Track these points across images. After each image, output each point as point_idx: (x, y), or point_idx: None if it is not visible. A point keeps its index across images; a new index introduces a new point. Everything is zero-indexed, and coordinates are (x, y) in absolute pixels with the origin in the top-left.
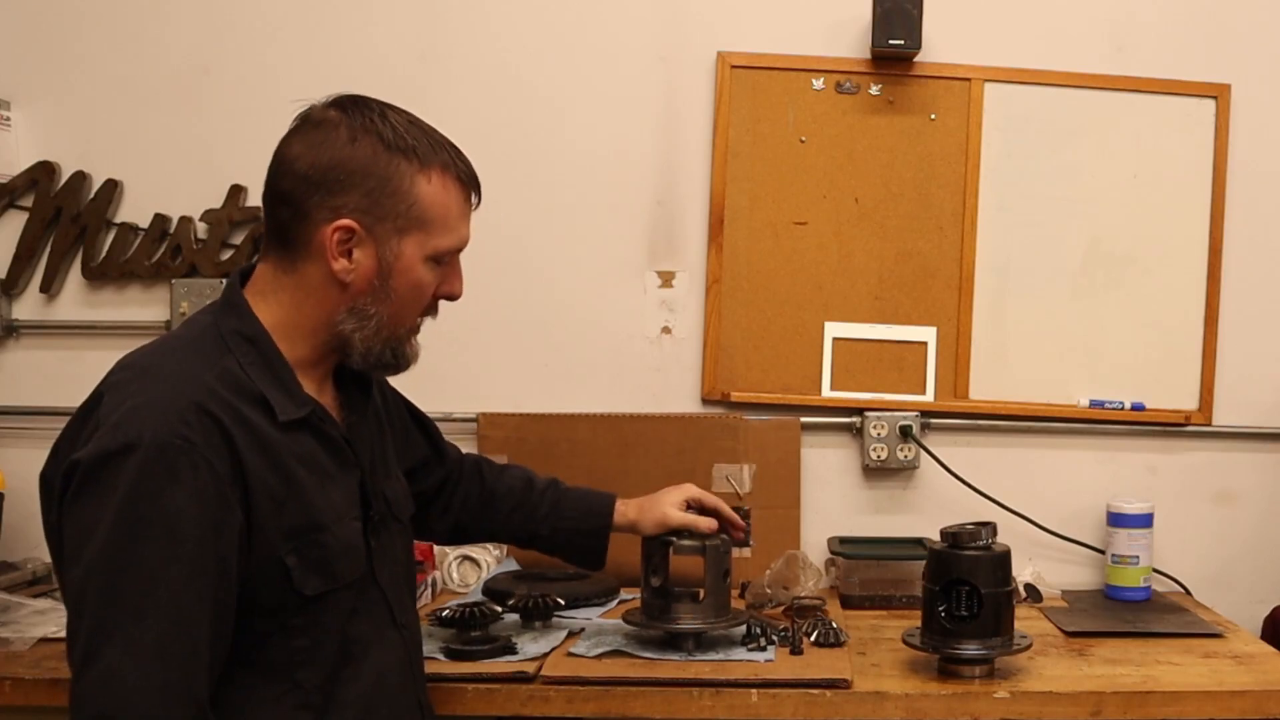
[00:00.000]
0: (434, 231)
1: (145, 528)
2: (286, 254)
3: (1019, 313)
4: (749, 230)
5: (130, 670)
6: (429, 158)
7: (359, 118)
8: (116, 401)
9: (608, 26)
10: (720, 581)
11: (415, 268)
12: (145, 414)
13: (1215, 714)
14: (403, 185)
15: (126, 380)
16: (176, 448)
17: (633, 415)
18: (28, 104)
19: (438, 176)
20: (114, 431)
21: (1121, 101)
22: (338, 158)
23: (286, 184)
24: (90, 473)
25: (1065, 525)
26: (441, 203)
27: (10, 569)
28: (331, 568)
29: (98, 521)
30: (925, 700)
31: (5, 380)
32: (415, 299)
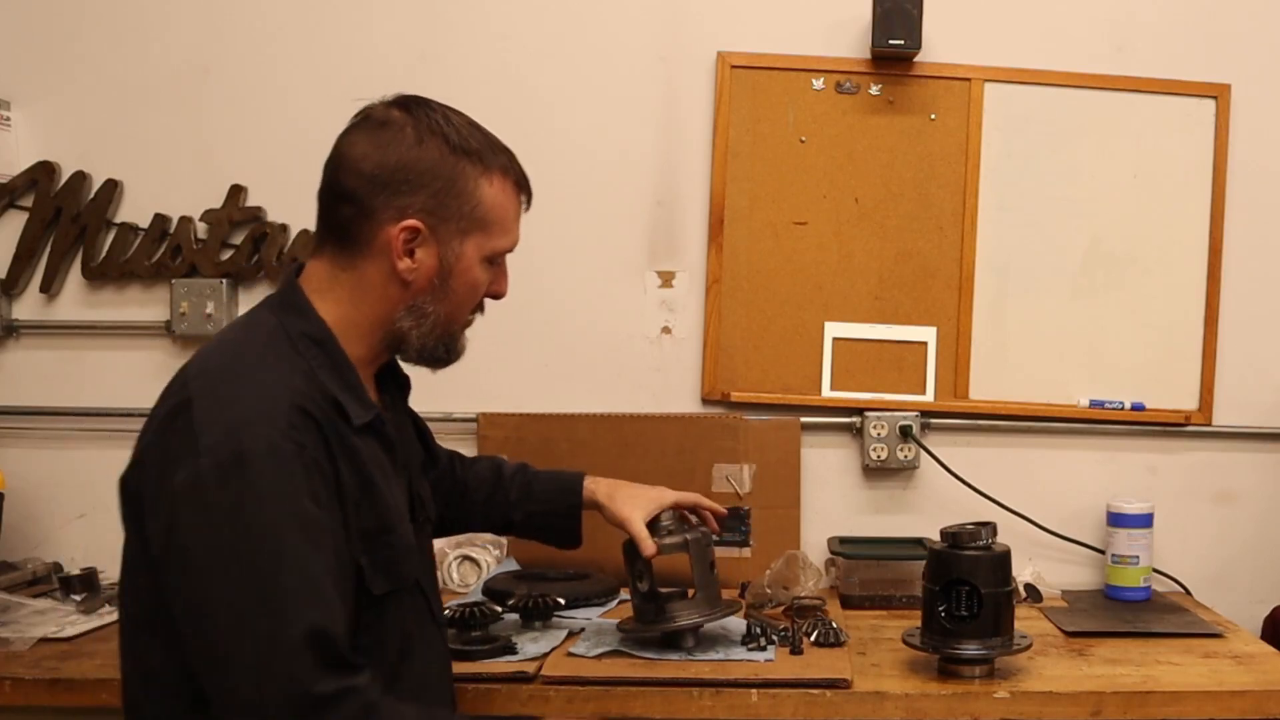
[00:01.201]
0: (493, 233)
1: (278, 529)
2: (345, 251)
3: (1019, 313)
4: (749, 230)
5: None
6: (490, 160)
7: (424, 119)
8: (213, 408)
9: (608, 27)
10: (708, 574)
11: (473, 268)
12: (253, 420)
13: (1215, 714)
14: (467, 187)
15: (213, 385)
16: (291, 452)
17: (633, 415)
18: (28, 104)
19: (498, 179)
20: (226, 440)
21: (1121, 101)
22: (405, 159)
23: (351, 182)
24: (211, 484)
25: (1065, 525)
26: (501, 205)
27: (10, 569)
28: (398, 568)
29: (232, 531)
30: (925, 700)
31: (5, 380)
32: (470, 298)
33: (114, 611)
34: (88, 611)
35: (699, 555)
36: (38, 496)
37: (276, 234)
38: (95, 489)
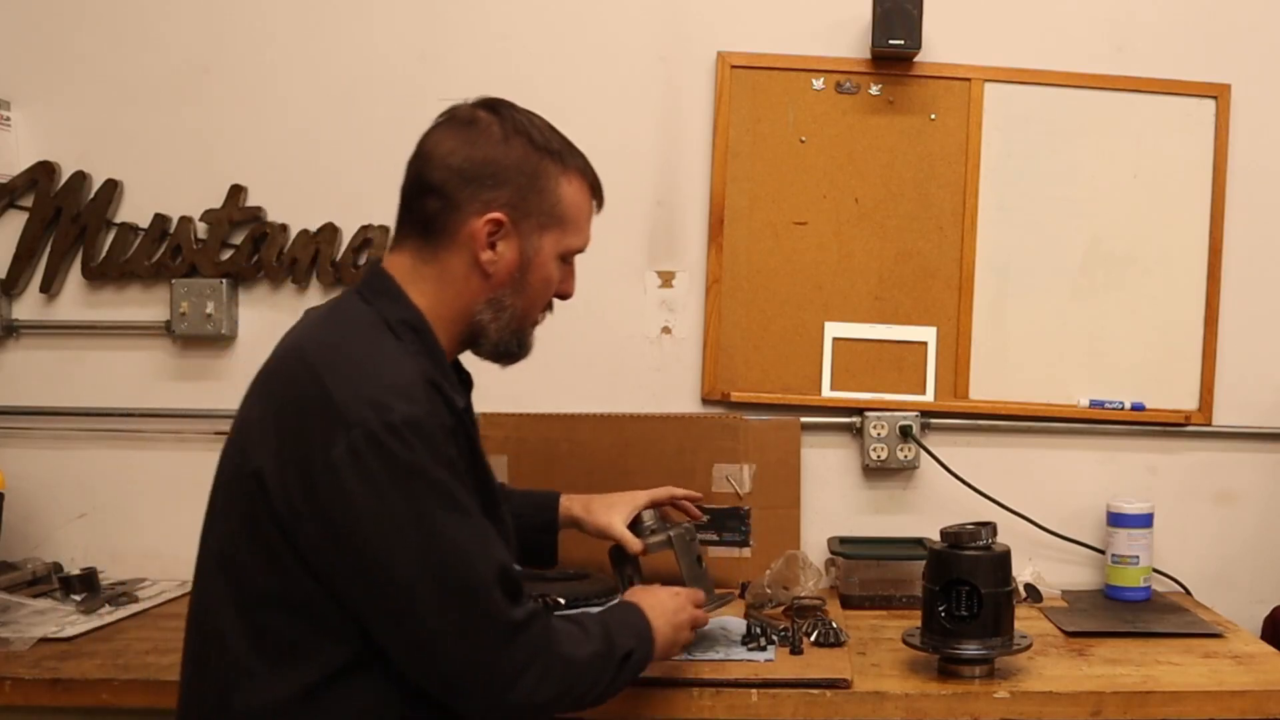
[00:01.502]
0: (569, 230)
1: (441, 487)
2: (429, 244)
3: (1019, 313)
4: (749, 230)
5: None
6: (569, 160)
7: (510, 119)
8: (349, 385)
9: (608, 26)
10: (696, 566)
11: (549, 263)
12: (394, 393)
13: (1215, 714)
14: (548, 184)
15: (342, 364)
16: (432, 423)
17: (633, 415)
18: (28, 104)
19: (576, 179)
20: (374, 412)
21: (1121, 101)
22: (492, 155)
23: (439, 176)
24: (369, 454)
25: (1065, 525)
26: (578, 204)
27: (10, 569)
28: (506, 541)
29: (397, 493)
30: (925, 700)
31: (5, 380)
32: (544, 293)
33: (114, 611)
34: (88, 611)
35: (684, 549)
36: (38, 496)
37: (276, 234)
38: (95, 489)
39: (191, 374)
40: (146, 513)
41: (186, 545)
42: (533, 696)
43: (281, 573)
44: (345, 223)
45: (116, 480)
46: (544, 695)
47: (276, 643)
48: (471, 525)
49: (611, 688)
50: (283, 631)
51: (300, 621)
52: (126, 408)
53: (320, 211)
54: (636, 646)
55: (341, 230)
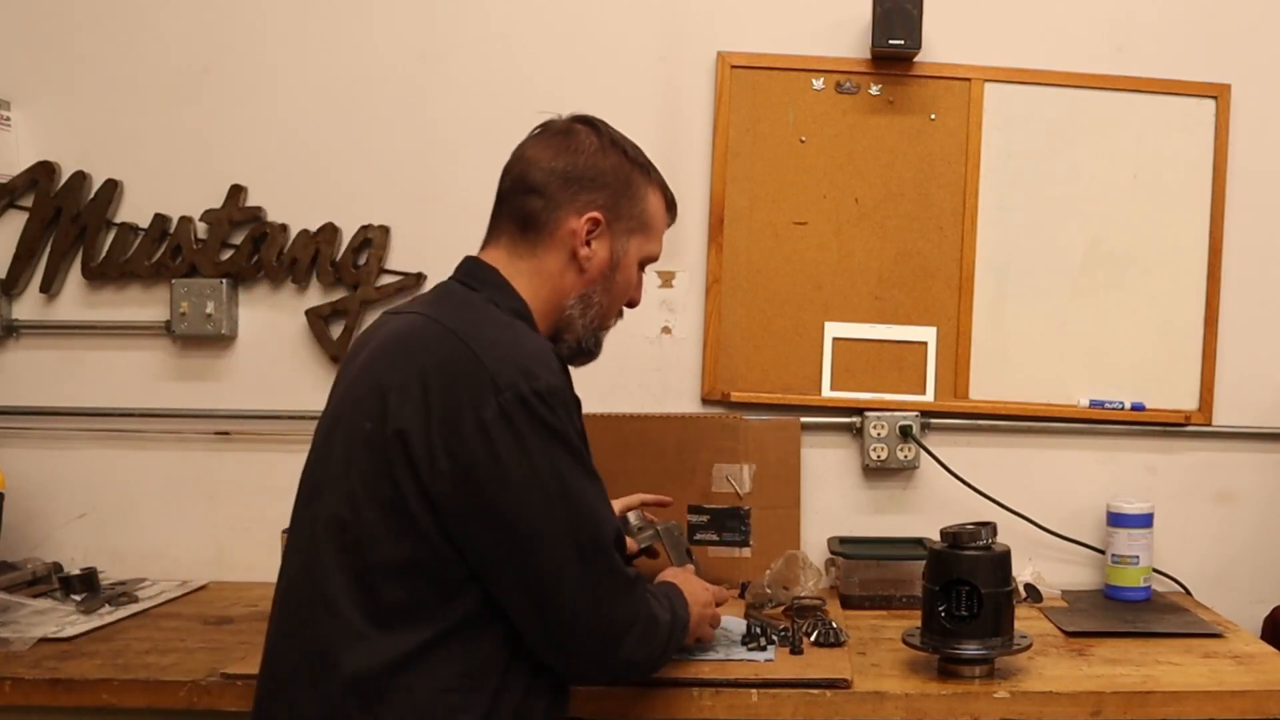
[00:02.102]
0: (651, 238)
1: (578, 450)
2: (526, 240)
3: (1019, 313)
4: (749, 230)
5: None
6: (652, 174)
7: (604, 132)
8: (498, 354)
9: (608, 26)
10: (686, 559)
11: (632, 266)
12: (539, 362)
13: (1215, 714)
14: (639, 192)
15: (487, 336)
16: (570, 394)
17: (633, 415)
18: (28, 104)
19: (657, 192)
20: (522, 378)
21: (1121, 101)
22: (592, 162)
23: (541, 178)
24: (520, 414)
25: (1065, 525)
26: (659, 214)
27: (10, 569)
28: None
29: (545, 449)
30: (925, 700)
31: (5, 380)
32: (625, 294)
33: (114, 611)
34: (88, 611)
35: (672, 543)
36: (38, 496)
37: (276, 234)
38: (95, 489)
39: (191, 374)
40: (146, 513)
41: (187, 545)
42: (633, 654)
43: (408, 533)
44: (345, 223)
45: (116, 480)
46: (641, 654)
47: (389, 605)
48: (599, 490)
49: (665, 657)
50: (397, 594)
51: (417, 583)
52: (126, 408)
53: (320, 211)
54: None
55: (341, 230)
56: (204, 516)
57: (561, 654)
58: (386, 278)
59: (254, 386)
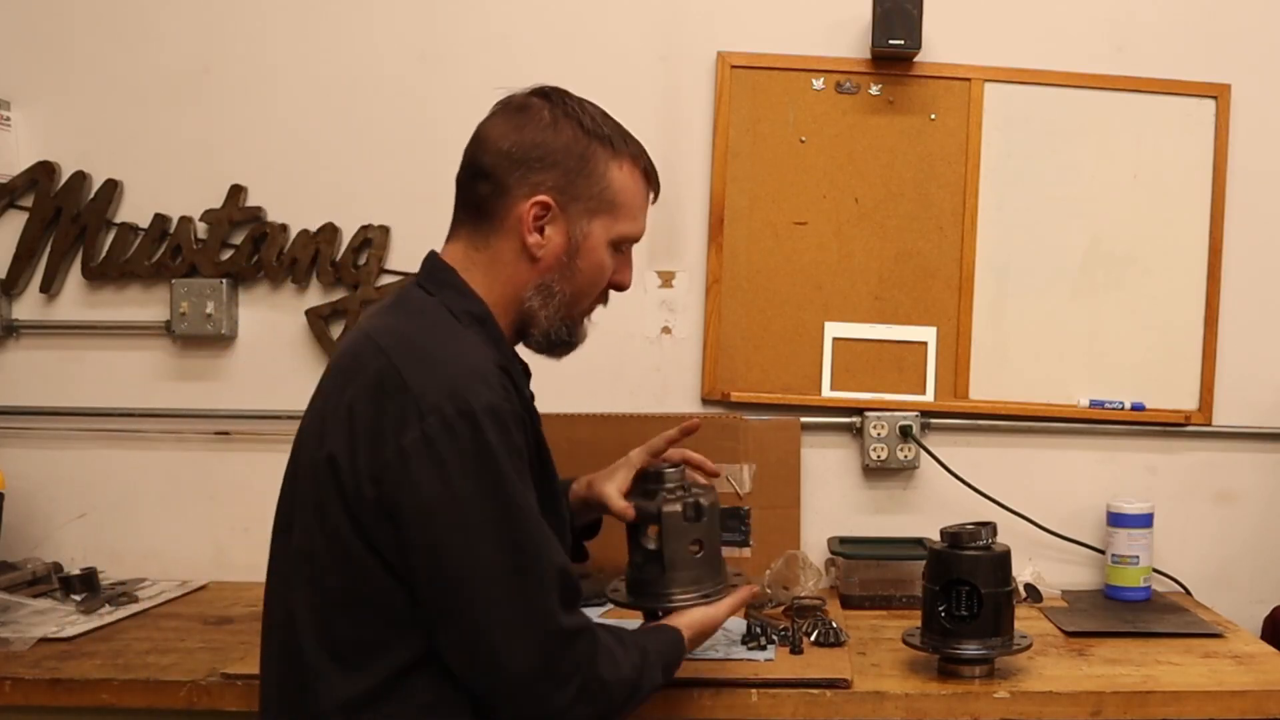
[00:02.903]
0: (620, 216)
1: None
2: (480, 229)
3: (1019, 313)
4: (749, 230)
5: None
6: (621, 146)
7: (561, 104)
8: (425, 372)
9: (608, 26)
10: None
11: (599, 249)
12: (470, 380)
13: (1215, 714)
14: (598, 168)
15: (416, 352)
16: (506, 411)
17: (633, 415)
18: (28, 104)
19: (628, 165)
20: (449, 399)
21: (1121, 101)
22: (540, 138)
23: (488, 160)
24: (442, 440)
25: (1065, 525)
26: (629, 189)
27: (10, 569)
28: (562, 539)
29: (467, 481)
30: (925, 700)
31: (5, 380)
32: (595, 281)
33: (114, 611)
34: (88, 611)
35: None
36: (38, 496)
37: (276, 234)
38: (95, 489)
39: (191, 374)
40: (146, 513)
41: (186, 545)
42: (570, 713)
43: (351, 563)
44: (345, 223)
45: (116, 480)
46: (580, 714)
47: (344, 642)
48: (537, 519)
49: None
50: (349, 630)
51: (366, 617)
52: (126, 408)
53: (320, 211)
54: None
55: (341, 230)
56: (204, 516)
57: (494, 701)
58: (386, 278)
59: (254, 386)
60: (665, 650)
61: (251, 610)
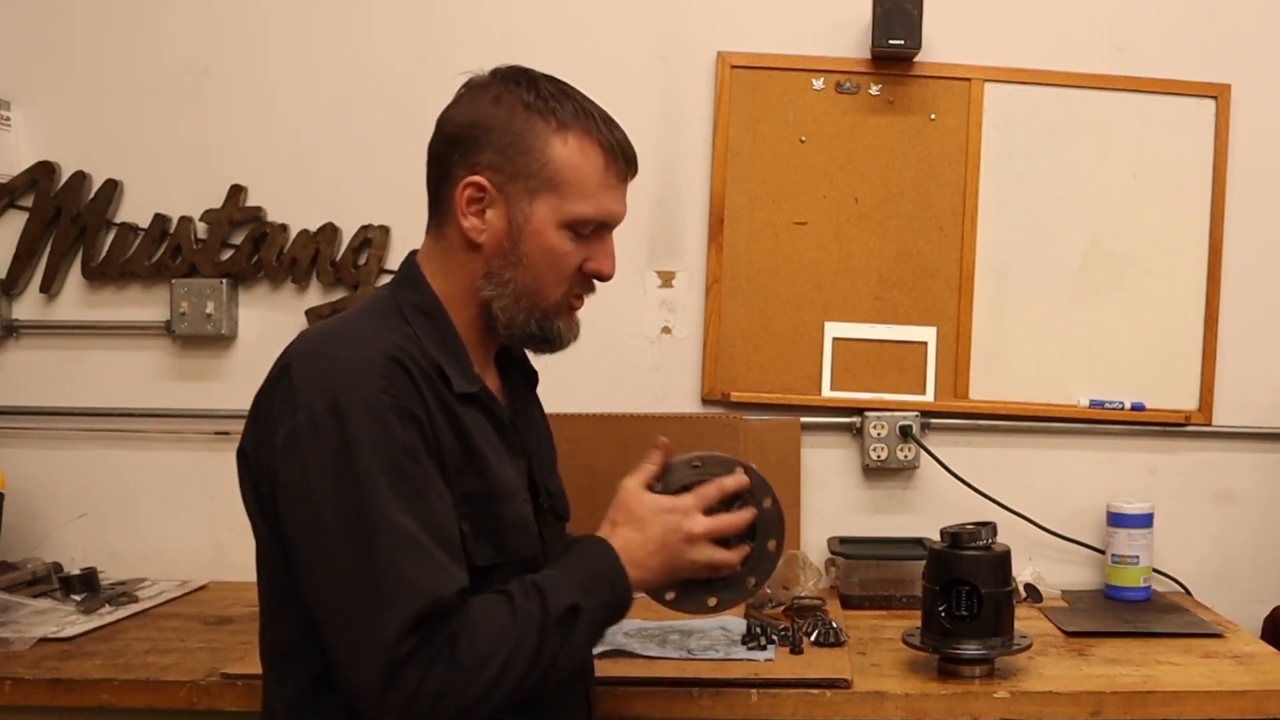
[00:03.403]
0: (568, 196)
1: (371, 481)
2: (436, 219)
3: (1019, 313)
4: (749, 230)
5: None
6: (570, 122)
7: (509, 82)
8: (310, 366)
9: (608, 26)
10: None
11: (546, 232)
12: (346, 373)
13: (1215, 714)
14: (535, 144)
15: (311, 347)
16: (385, 404)
17: (633, 415)
18: (28, 104)
19: (575, 139)
20: (320, 393)
21: (1121, 101)
22: (478, 116)
23: (436, 144)
24: (306, 437)
25: (1065, 525)
26: (576, 166)
27: (10, 569)
28: (505, 540)
29: (324, 483)
30: (925, 700)
31: (5, 380)
32: (551, 267)
33: (114, 611)
34: (88, 611)
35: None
36: (38, 496)
37: (276, 234)
38: (95, 489)
39: (191, 374)
40: (146, 513)
41: (186, 545)
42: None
43: (267, 563)
44: (345, 223)
45: (116, 480)
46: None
47: (272, 646)
48: (395, 527)
49: (563, 654)
50: (274, 634)
51: (286, 622)
52: (126, 408)
53: (320, 211)
54: (583, 600)
55: (341, 230)
56: (204, 516)
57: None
58: (386, 278)
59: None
60: (582, 567)
61: (251, 610)
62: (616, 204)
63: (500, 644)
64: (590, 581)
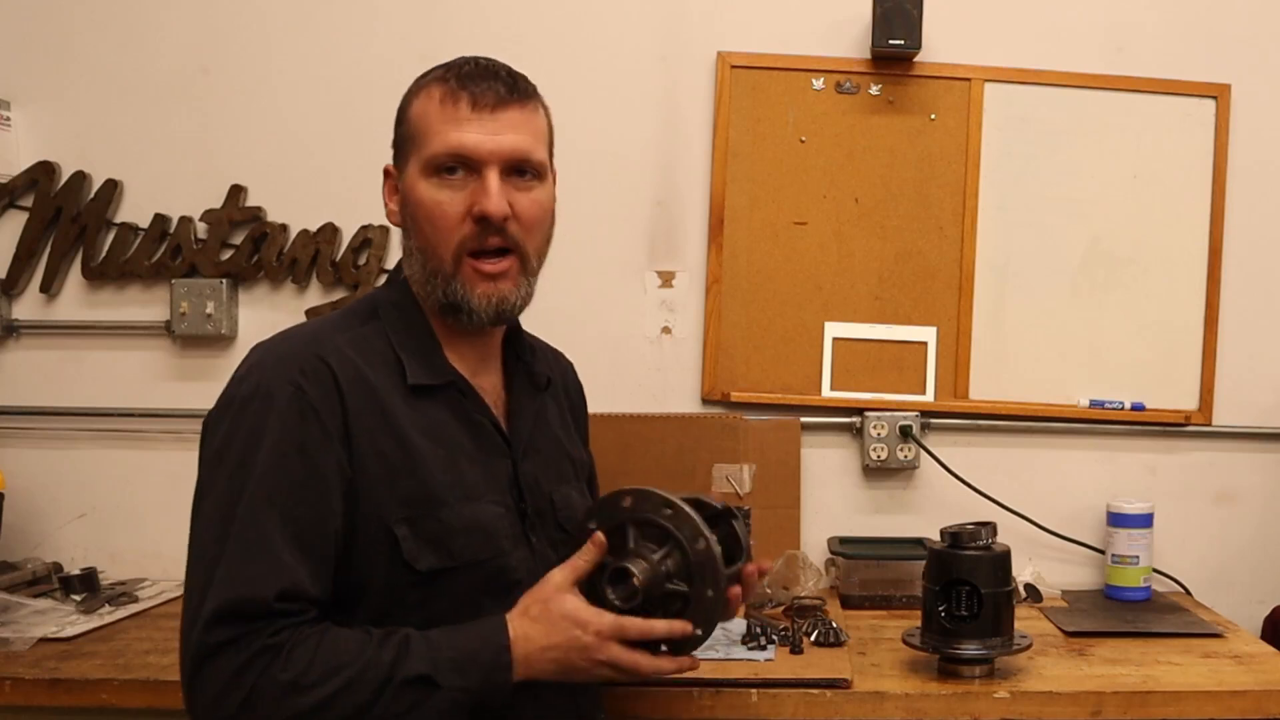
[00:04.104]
0: (419, 143)
1: (249, 472)
2: None
3: (1019, 313)
4: (749, 230)
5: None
6: (429, 79)
7: (433, 69)
8: (249, 357)
9: (608, 27)
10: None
11: (416, 187)
12: (268, 365)
13: (1215, 714)
14: (402, 116)
15: (264, 344)
16: (289, 394)
17: (633, 415)
18: (28, 104)
19: (425, 93)
20: (236, 383)
21: (1121, 101)
22: (400, 105)
23: None
24: (213, 420)
25: (1065, 525)
26: (423, 113)
27: (10, 569)
28: (447, 545)
29: (212, 464)
30: (925, 700)
31: (5, 380)
32: (430, 221)
33: (114, 611)
34: (88, 611)
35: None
36: (38, 496)
37: (276, 234)
38: (95, 489)
39: (191, 374)
40: (146, 513)
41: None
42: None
43: None
44: (345, 223)
45: (116, 480)
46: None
47: None
48: (256, 526)
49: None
50: None
51: None
52: (126, 408)
53: (320, 211)
54: (447, 678)
55: (341, 230)
56: None
57: None
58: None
59: None
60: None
61: None
62: (465, 133)
63: (329, 677)
64: (466, 660)
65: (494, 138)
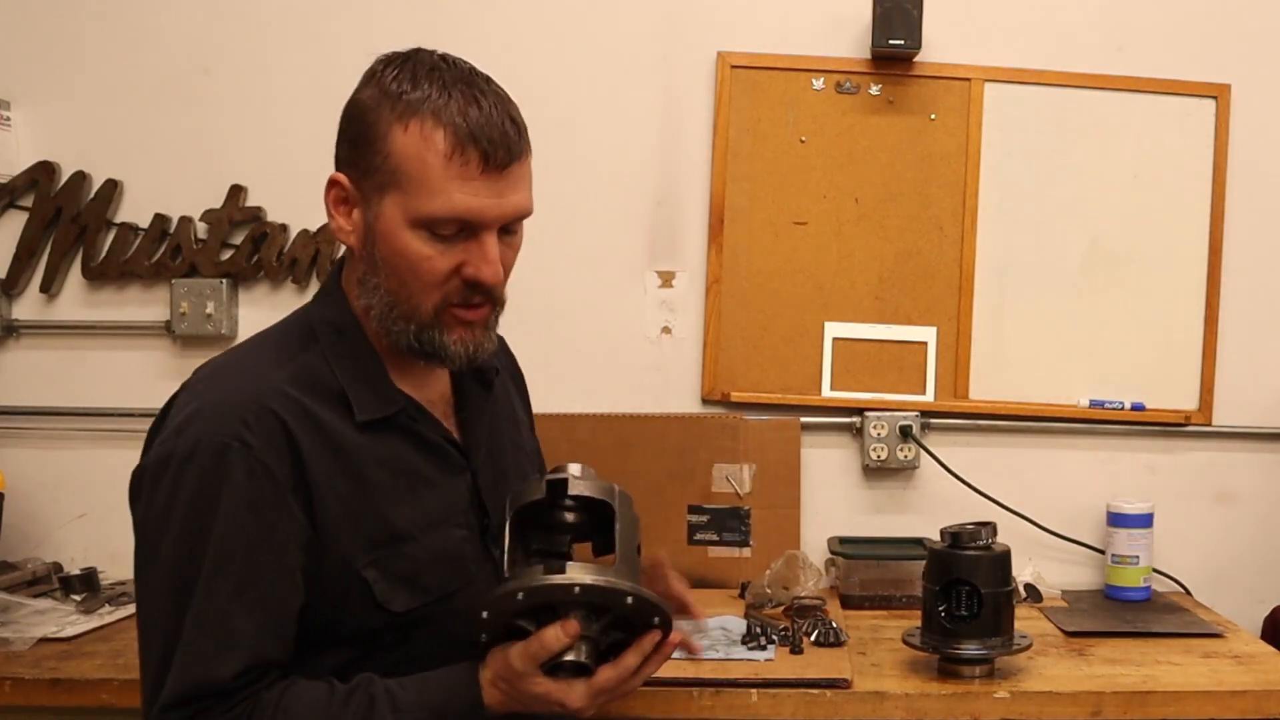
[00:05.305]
0: (411, 191)
1: (199, 537)
2: None
3: (1019, 313)
4: (749, 230)
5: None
6: (418, 105)
7: (389, 64)
8: (184, 402)
9: (608, 27)
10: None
11: (397, 234)
12: (207, 415)
13: (1215, 714)
14: (377, 134)
15: (198, 380)
16: (234, 450)
17: (633, 415)
18: (28, 104)
19: (419, 125)
20: (175, 436)
21: (1121, 101)
22: (348, 106)
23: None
24: (151, 478)
25: (1065, 525)
26: (417, 157)
27: (10, 569)
28: (420, 580)
29: (156, 527)
30: (925, 700)
31: (5, 380)
32: (410, 273)
33: (114, 611)
34: (88, 611)
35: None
36: (38, 496)
37: (276, 234)
38: (95, 489)
39: None
40: None
41: None
42: None
43: None
44: None
45: (116, 480)
46: None
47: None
48: (209, 599)
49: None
50: None
51: None
52: (126, 408)
53: (320, 211)
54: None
55: None
56: None
57: None
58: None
59: None
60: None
61: None
62: (476, 197)
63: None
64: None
65: (501, 201)
